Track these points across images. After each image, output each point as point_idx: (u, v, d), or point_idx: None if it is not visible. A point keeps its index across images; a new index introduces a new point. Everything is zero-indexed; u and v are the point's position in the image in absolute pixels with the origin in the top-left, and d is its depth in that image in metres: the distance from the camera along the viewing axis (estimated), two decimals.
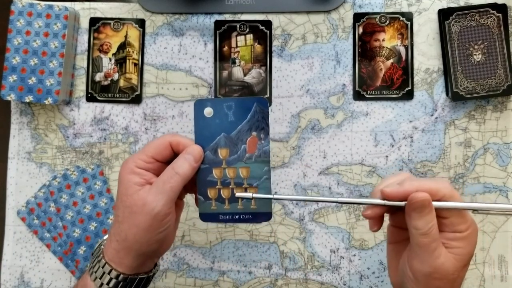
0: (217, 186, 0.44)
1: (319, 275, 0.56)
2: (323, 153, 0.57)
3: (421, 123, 0.56)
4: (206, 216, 0.45)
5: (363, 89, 0.57)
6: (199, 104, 0.44)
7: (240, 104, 0.44)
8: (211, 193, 0.45)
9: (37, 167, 0.58)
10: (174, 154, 0.43)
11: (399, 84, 0.57)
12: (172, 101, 0.58)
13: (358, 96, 0.57)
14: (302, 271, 0.56)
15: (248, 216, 0.45)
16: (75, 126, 0.58)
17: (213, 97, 0.43)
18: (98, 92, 0.58)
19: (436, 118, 0.56)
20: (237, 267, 0.57)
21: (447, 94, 0.56)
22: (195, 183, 0.44)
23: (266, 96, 0.57)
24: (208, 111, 0.44)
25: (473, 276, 0.55)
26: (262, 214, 0.45)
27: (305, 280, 0.56)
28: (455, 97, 0.55)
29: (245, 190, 0.44)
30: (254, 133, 0.44)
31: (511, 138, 0.56)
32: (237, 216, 0.45)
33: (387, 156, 0.56)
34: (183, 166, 0.41)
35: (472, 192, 0.56)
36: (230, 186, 0.44)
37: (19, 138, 0.58)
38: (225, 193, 0.45)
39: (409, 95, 0.57)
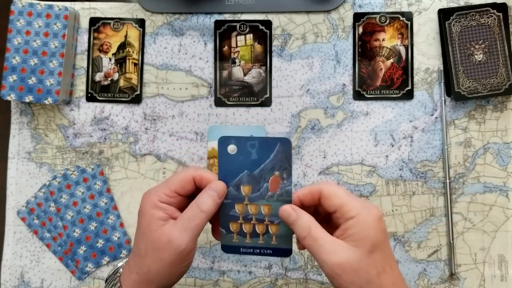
0: (239, 221, 0.45)
1: (319, 274, 0.56)
2: (323, 153, 0.57)
3: (421, 123, 0.56)
4: (228, 248, 0.46)
5: (363, 89, 0.57)
6: (224, 141, 0.44)
7: (264, 144, 0.44)
8: (233, 227, 0.45)
9: (37, 167, 0.58)
10: (197, 188, 0.43)
11: (399, 84, 0.57)
12: (172, 101, 0.58)
13: (358, 96, 0.57)
14: (302, 271, 0.56)
15: (268, 251, 0.46)
16: (75, 126, 0.58)
17: (237, 136, 0.45)
18: (98, 92, 0.58)
19: (436, 117, 0.56)
20: (237, 267, 0.57)
21: (448, 94, 0.56)
22: (216, 216, 0.44)
23: (266, 96, 0.57)
24: (231, 148, 0.44)
25: (473, 276, 0.55)
26: (282, 250, 0.45)
27: (305, 279, 0.56)
28: (457, 97, 0.55)
29: (267, 227, 0.45)
30: (276, 173, 0.44)
31: (511, 138, 0.56)
32: (257, 250, 0.46)
33: (387, 156, 0.56)
34: (208, 203, 0.41)
35: (472, 191, 0.56)
36: (252, 222, 0.45)
37: (19, 138, 0.58)
38: (246, 228, 0.45)
39: (409, 95, 0.56)
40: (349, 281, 0.37)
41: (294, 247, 0.44)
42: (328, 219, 0.42)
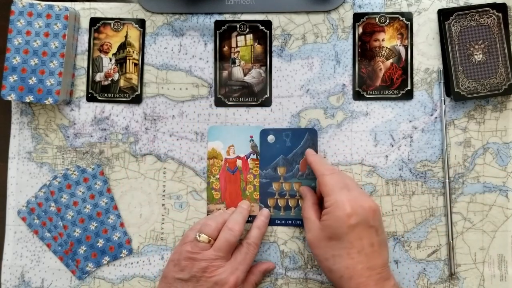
0: (275, 197, 0.56)
1: (319, 274, 0.56)
2: (323, 153, 0.57)
3: (420, 123, 0.56)
4: None
5: (363, 89, 0.57)
6: (264, 133, 0.56)
7: (295, 133, 0.56)
8: (270, 202, 0.56)
9: (38, 167, 0.58)
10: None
11: (399, 84, 0.57)
12: (172, 101, 0.58)
13: (358, 96, 0.57)
14: (302, 271, 0.56)
15: (298, 222, 0.55)
16: (76, 126, 0.58)
17: (275, 128, 0.56)
18: (98, 92, 0.58)
19: (436, 117, 0.56)
20: None
21: (447, 94, 0.56)
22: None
23: (266, 96, 0.58)
24: (270, 138, 0.56)
25: (473, 276, 0.55)
26: None
27: (305, 279, 0.56)
28: (457, 97, 0.55)
29: (297, 201, 0.56)
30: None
31: (511, 138, 0.56)
32: (290, 221, 0.56)
33: (387, 156, 0.57)
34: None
35: (471, 191, 0.56)
36: (286, 197, 0.56)
37: (20, 138, 0.58)
38: (281, 202, 0.56)
39: (408, 95, 0.57)
40: (316, 254, 0.49)
41: None
42: None
